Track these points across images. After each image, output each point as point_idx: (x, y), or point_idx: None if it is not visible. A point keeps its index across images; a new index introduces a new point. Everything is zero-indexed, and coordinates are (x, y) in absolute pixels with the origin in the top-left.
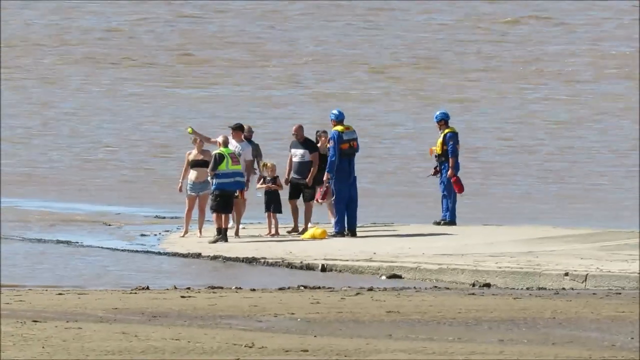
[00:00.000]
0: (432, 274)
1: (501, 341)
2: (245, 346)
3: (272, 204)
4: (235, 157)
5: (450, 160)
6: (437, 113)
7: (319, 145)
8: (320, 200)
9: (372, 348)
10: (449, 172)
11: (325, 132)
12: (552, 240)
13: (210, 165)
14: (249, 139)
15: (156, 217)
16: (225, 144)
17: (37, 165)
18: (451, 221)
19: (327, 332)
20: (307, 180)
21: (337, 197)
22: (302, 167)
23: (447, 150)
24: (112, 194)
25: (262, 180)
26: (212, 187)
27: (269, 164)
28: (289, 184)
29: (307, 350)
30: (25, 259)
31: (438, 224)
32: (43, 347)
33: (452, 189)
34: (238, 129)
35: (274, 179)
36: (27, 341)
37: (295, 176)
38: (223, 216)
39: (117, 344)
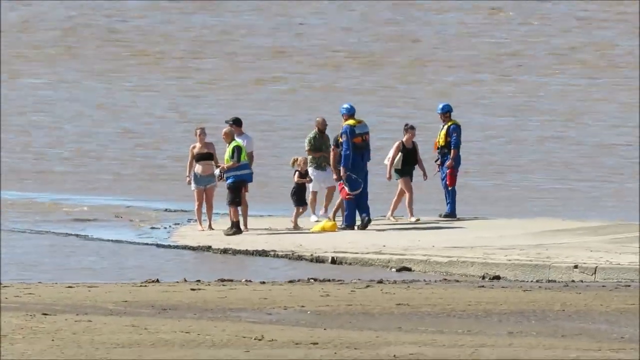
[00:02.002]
0: (442, 266)
1: (511, 333)
2: (255, 339)
3: (301, 196)
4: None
5: (452, 151)
6: (441, 105)
7: (404, 139)
8: (350, 195)
9: (382, 340)
10: (447, 163)
11: (412, 126)
12: (561, 233)
13: (235, 158)
14: (322, 131)
15: (166, 210)
16: (232, 136)
17: (45, 158)
18: (451, 213)
19: (337, 325)
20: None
21: (354, 191)
22: None
23: (449, 142)
24: (121, 187)
25: (296, 173)
26: (230, 180)
27: (300, 158)
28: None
29: (317, 343)
30: (35, 252)
31: (446, 216)
32: (53, 340)
33: (451, 180)
34: (236, 123)
35: (306, 173)
36: (37, 334)
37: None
38: (235, 209)
39: (127, 337)
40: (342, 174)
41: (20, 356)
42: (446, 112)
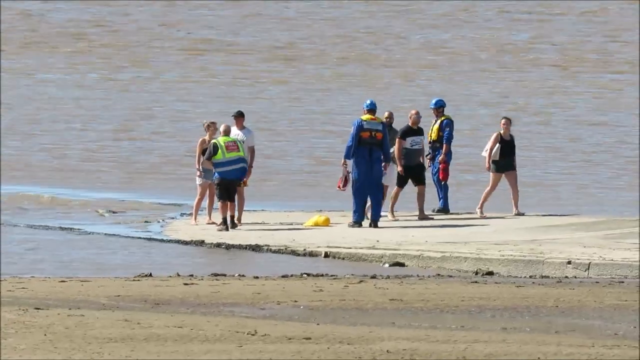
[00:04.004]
0: (435, 261)
1: (504, 329)
2: (248, 334)
3: None
4: (231, 145)
5: (445, 146)
6: (435, 100)
7: (502, 132)
8: (341, 188)
9: (375, 336)
10: (440, 158)
11: (508, 118)
12: (555, 229)
13: (206, 155)
14: (390, 125)
15: (159, 204)
16: (226, 132)
17: (37, 152)
18: (444, 209)
19: (330, 320)
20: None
21: (355, 185)
22: (418, 154)
23: (442, 137)
24: (114, 181)
25: None
26: (213, 177)
27: None
28: (412, 171)
29: (309, 338)
30: (28, 246)
31: (439, 211)
32: (45, 335)
33: (444, 175)
34: (239, 116)
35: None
36: (29, 328)
37: (410, 164)
38: (228, 204)
39: (120, 332)
40: (341, 164)
41: (13, 351)
42: (439, 107)
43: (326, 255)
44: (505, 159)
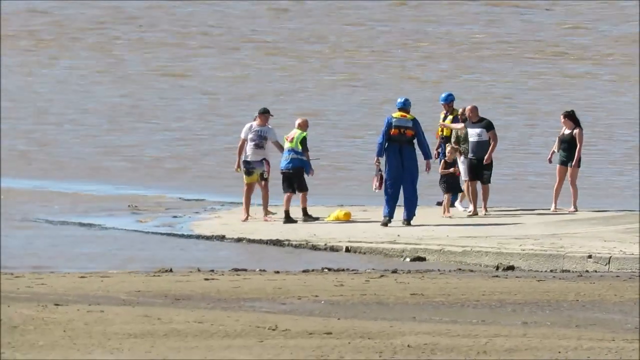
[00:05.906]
0: (456, 256)
1: (525, 323)
2: (268, 329)
3: (447, 185)
4: (290, 136)
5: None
6: (445, 95)
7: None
8: (378, 188)
9: (396, 330)
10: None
11: (565, 112)
12: (575, 223)
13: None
14: (467, 119)
15: (180, 199)
16: (301, 127)
17: (55, 147)
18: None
19: (351, 315)
20: (485, 159)
21: (386, 183)
22: (479, 147)
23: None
24: (134, 177)
25: (441, 162)
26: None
27: (449, 148)
28: (469, 166)
29: (330, 333)
30: (48, 242)
31: (440, 204)
32: (64, 331)
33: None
34: (263, 113)
35: (453, 162)
36: (49, 325)
37: (473, 156)
38: (286, 196)
39: (140, 327)
40: (374, 162)
41: (32, 347)
42: (450, 101)
43: (347, 249)
44: (562, 154)
